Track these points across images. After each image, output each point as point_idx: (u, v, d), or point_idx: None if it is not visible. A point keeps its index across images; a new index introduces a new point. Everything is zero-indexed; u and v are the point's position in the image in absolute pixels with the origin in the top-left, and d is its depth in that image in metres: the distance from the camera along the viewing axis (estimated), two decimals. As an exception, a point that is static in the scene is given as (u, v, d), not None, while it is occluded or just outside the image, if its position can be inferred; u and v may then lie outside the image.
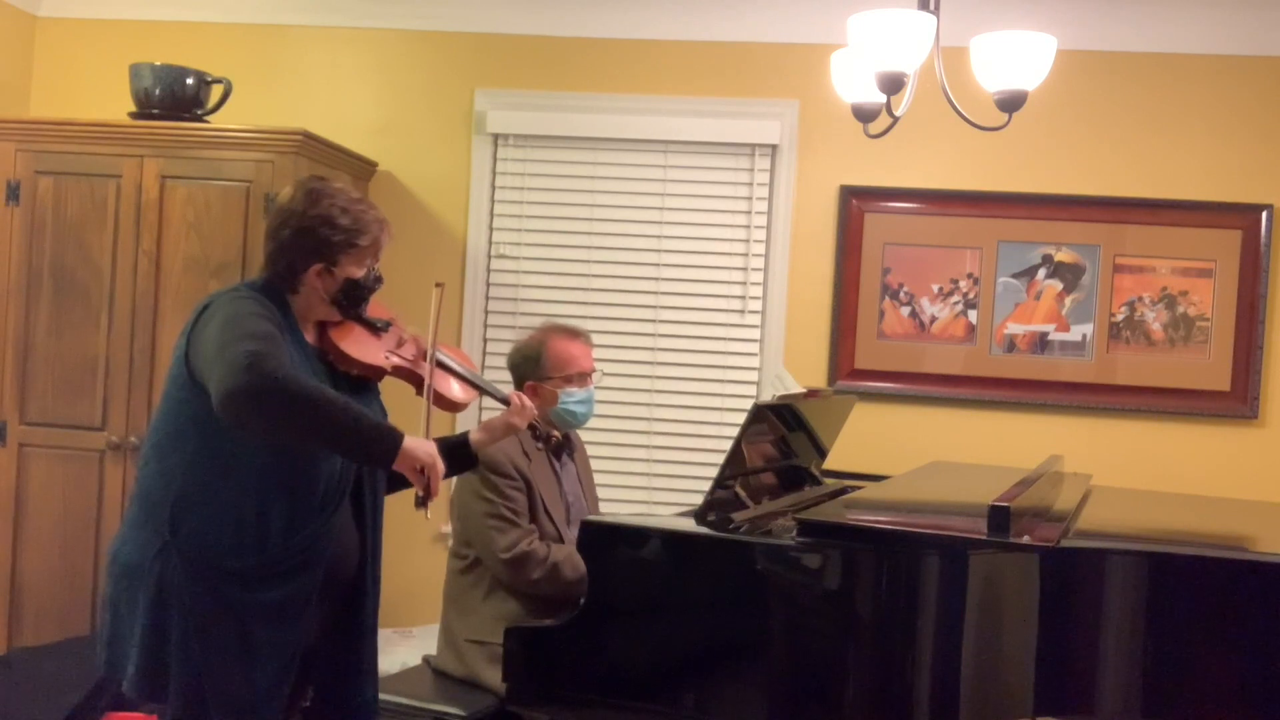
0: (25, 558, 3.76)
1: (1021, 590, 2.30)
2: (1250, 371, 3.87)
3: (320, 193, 2.30)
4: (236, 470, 2.17)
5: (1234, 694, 2.32)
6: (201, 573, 2.16)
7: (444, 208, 4.19)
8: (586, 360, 3.10)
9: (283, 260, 2.29)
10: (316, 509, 2.22)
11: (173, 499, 2.18)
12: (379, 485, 2.41)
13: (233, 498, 2.17)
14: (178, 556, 2.16)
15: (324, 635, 2.34)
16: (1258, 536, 2.99)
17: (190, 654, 2.16)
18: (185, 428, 2.20)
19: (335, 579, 2.30)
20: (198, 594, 2.15)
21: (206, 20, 4.24)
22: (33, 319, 3.76)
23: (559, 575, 2.91)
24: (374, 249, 2.34)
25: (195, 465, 2.18)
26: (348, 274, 2.30)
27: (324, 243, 2.27)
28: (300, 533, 2.20)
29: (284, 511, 2.18)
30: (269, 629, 2.19)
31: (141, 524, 2.22)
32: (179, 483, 2.18)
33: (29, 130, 3.80)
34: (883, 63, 2.55)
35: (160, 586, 2.16)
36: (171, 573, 2.16)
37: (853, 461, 3.60)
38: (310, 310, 2.33)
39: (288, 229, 2.28)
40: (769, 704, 2.34)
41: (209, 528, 2.16)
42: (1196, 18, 3.86)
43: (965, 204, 3.98)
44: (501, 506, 2.94)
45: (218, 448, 2.17)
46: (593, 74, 4.13)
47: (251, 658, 2.18)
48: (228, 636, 2.16)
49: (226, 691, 2.17)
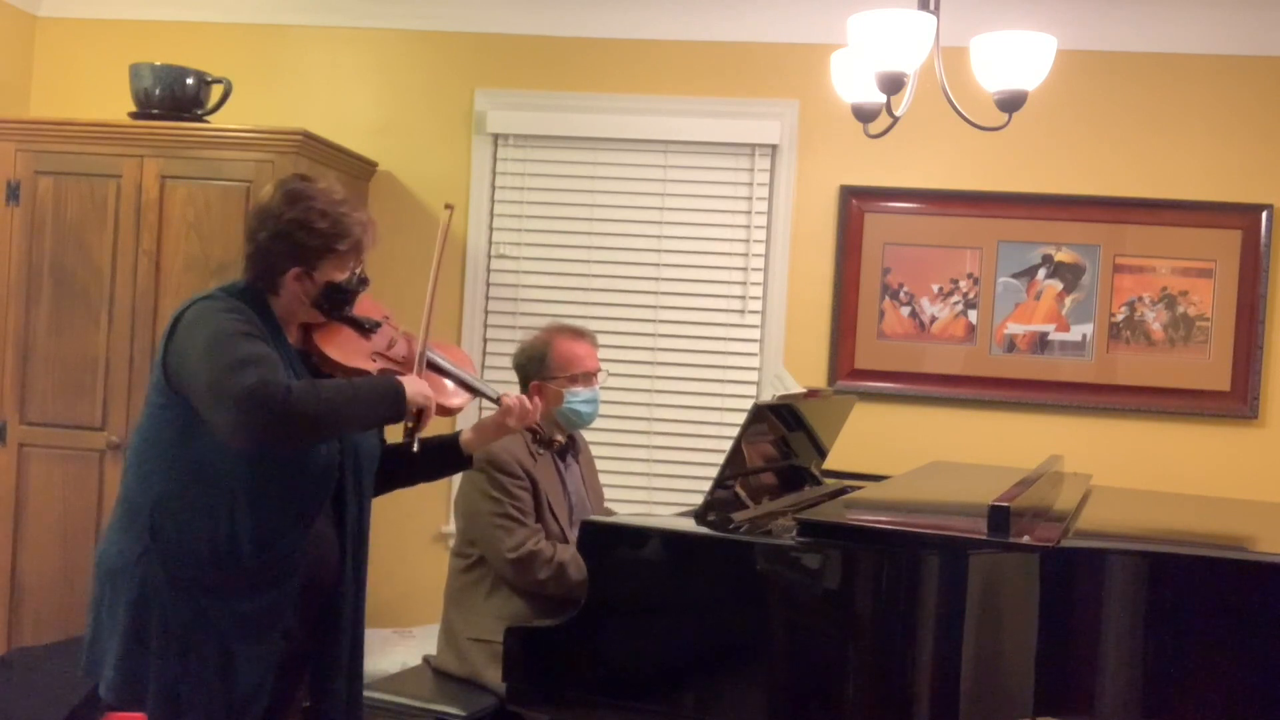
0: (25, 558, 3.76)
1: (1021, 590, 2.30)
2: (1250, 371, 3.87)
3: (299, 194, 2.23)
4: (212, 479, 2.15)
5: (1234, 694, 2.32)
6: (181, 582, 2.14)
7: (444, 208, 4.18)
8: (592, 360, 3.11)
9: (261, 263, 2.23)
10: (292, 522, 2.20)
11: (151, 504, 2.17)
12: (365, 489, 2.38)
13: (208, 507, 2.15)
14: (158, 562, 2.14)
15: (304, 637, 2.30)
16: (1258, 536, 2.99)
17: (169, 662, 2.14)
18: (164, 434, 2.19)
19: (314, 584, 2.27)
20: (177, 603, 2.14)
21: (206, 20, 4.24)
22: (33, 319, 3.76)
23: (565, 575, 2.91)
24: (355, 252, 2.26)
25: (173, 471, 2.17)
26: (328, 278, 2.24)
27: (300, 247, 2.20)
28: (275, 546, 2.17)
29: (258, 525, 2.15)
30: (246, 641, 2.17)
31: (124, 528, 2.21)
32: (158, 488, 2.17)
33: (29, 130, 3.80)
34: (883, 63, 2.55)
35: (142, 591, 2.15)
36: (153, 578, 2.15)
37: (853, 461, 3.60)
38: (292, 313, 2.28)
39: (265, 231, 2.21)
40: (769, 704, 2.34)
41: (186, 536, 2.15)
42: (1196, 18, 3.86)
43: (965, 204, 3.98)
44: (508, 505, 2.94)
45: (195, 455, 2.15)
46: (593, 74, 4.13)
47: (229, 669, 2.16)
48: (206, 648, 2.15)
49: (203, 702, 2.15)
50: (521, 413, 2.43)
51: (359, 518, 2.36)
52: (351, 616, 2.35)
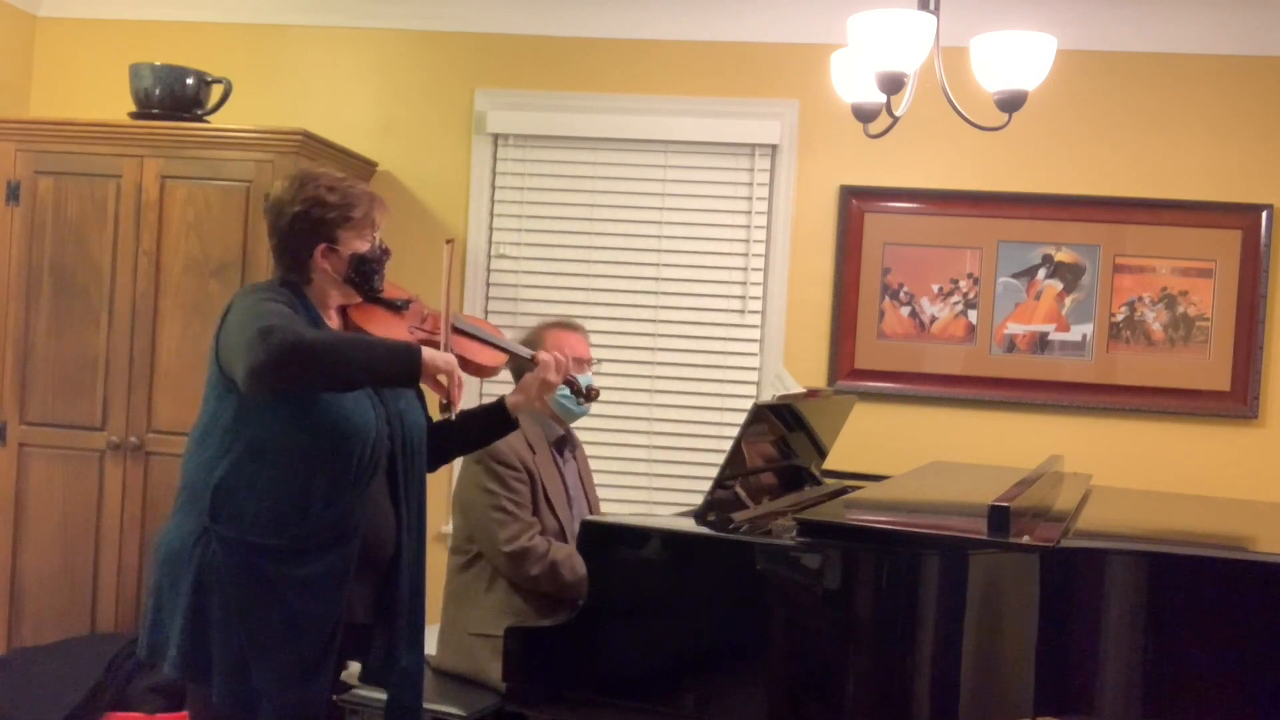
0: (25, 558, 3.76)
1: (1021, 590, 2.30)
2: (1250, 371, 3.87)
3: (305, 177, 2.39)
4: (273, 455, 2.26)
5: (1234, 694, 2.32)
6: (240, 553, 2.24)
7: (444, 208, 4.19)
8: (582, 349, 3.12)
9: (288, 251, 2.38)
10: (351, 483, 2.29)
11: (213, 486, 2.27)
12: (417, 462, 2.47)
13: (269, 480, 2.25)
14: (217, 541, 2.24)
15: (365, 607, 2.39)
16: (1258, 536, 2.99)
17: (232, 633, 2.23)
18: (221, 419, 2.30)
19: (372, 556, 2.36)
20: (237, 574, 2.23)
21: (206, 20, 4.25)
22: (33, 319, 3.76)
23: (557, 575, 2.92)
24: (369, 220, 2.40)
25: (234, 454, 2.27)
26: (352, 249, 2.37)
27: (320, 222, 2.35)
28: (336, 505, 2.27)
29: (322, 487, 2.26)
30: (309, 603, 2.26)
31: (185, 512, 2.31)
32: (219, 471, 2.27)
33: (29, 130, 3.80)
34: (883, 63, 2.55)
35: (200, 570, 2.24)
36: (211, 557, 2.24)
37: (853, 461, 3.61)
38: (327, 296, 2.41)
39: (284, 218, 2.36)
40: (769, 704, 2.34)
41: (247, 510, 2.25)
42: (1196, 18, 3.86)
43: (965, 204, 3.98)
44: (504, 499, 2.95)
45: (254, 436, 2.27)
46: (593, 74, 4.13)
47: (294, 632, 2.25)
48: (269, 613, 2.24)
49: (273, 667, 2.23)
50: (559, 365, 2.54)
51: (416, 492, 2.47)
52: (411, 590, 2.44)
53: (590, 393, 2.80)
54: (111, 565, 3.71)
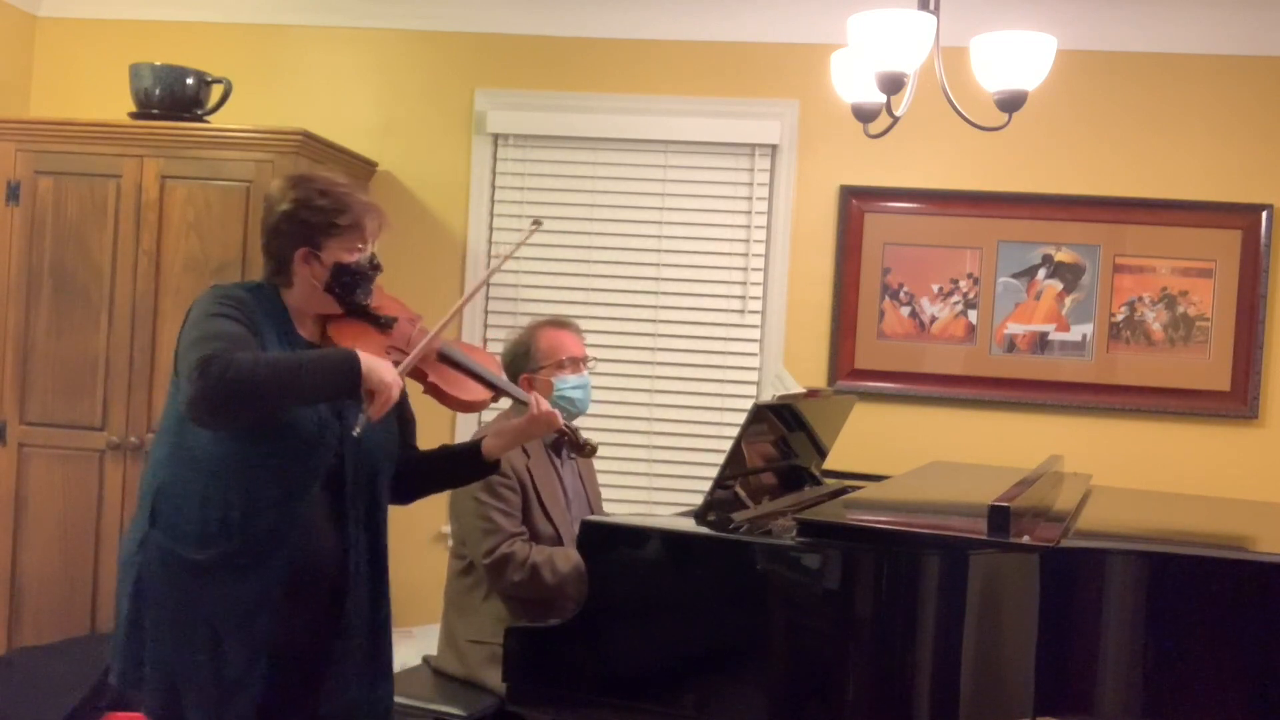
0: (25, 558, 3.76)
1: (1021, 590, 2.30)
2: (1250, 371, 3.87)
3: (301, 178, 2.32)
4: (206, 462, 2.18)
5: (1234, 694, 2.32)
6: (170, 565, 2.18)
7: (444, 208, 4.19)
8: (576, 346, 3.10)
9: (273, 251, 2.30)
10: (274, 501, 2.19)
11: (154, 491, 2.22)
12: (372, 485, 2.36)
13: (199, 488, 2.18)
14: (154, 548, 2.19)
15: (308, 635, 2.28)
16: (1258, 536, 2.99)
17: (163, 647, 2.18)
18: (170, 423, 2.25)
19: (312, 578, 2.25)
20: (167, 588, 2.18)
21: (206, 20, 4.25)
22: (33, 319, 3.76)
23: (538, 578, 2.89)
24: (358, 231, 2.28)
25: (172, 458, 2.22)
26: (335, 258, 2.26)
27: (304, 225, 2.26)
28: (255, 524, 2.17)
29: (241, 503, 2.17)
30: (233, 625, 2.17)
31: (136, 516, 2.27)
32: (160, 475, 2.22)
33: (29, 130, 3.80)
34: (883, 63, 2.55)
35: (139, 578, 2.20)
36: (149, 564, 2.19)
37: (853, 461, 3.60)
38: (307, 302, 2.31)
39: (272, 216, 2.30)
40: (769, 704, 2.33)
41: (179, 518, 2.18)
42: (1196, 18, 3.86)
43: (965, 204, 3.98)
44: (490, 508, 2.92)
45: (188, 440, 2.19)
46: (593, 74, 4.13)
47: (218, 654, 2.17)
48: (194, 631, 2.17)
49: (195, 687, 2.17)
50: (549, 422, 2.44)
51: (367, 514, 2.35)
52: (367, 620, 2.35)
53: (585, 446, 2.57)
54: (111, 565, 3.70)
